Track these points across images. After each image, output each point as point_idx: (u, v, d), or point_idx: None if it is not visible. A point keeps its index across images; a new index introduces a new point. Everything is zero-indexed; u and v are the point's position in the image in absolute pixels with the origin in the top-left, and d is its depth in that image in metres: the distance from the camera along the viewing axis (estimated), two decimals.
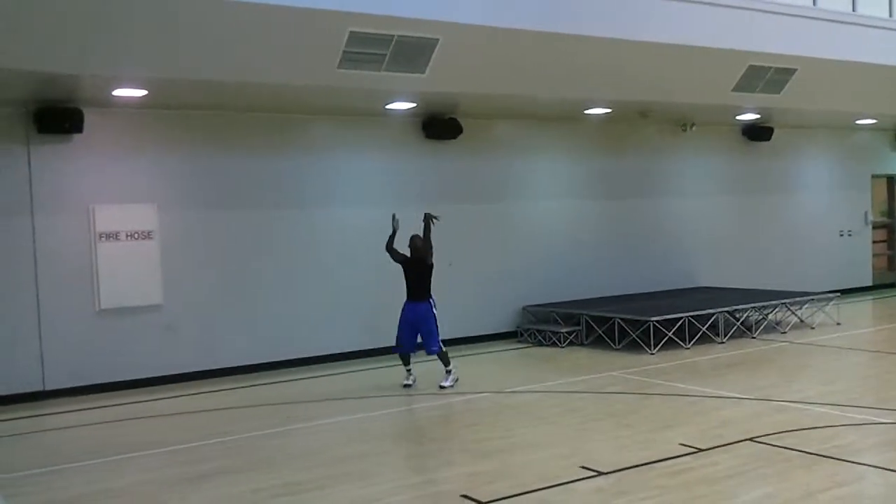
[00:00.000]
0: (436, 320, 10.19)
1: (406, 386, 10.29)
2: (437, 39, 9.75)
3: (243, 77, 9.46)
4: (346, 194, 12.26)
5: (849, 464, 6.79)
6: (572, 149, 14.38)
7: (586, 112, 13.33)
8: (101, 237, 10.58)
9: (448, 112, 12.70)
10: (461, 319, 12.80)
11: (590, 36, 10.53)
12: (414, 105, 11.83)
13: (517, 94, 11.47)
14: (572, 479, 6.61)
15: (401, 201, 12.54)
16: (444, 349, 10.28)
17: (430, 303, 10.26)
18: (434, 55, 9.91)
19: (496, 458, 7.26)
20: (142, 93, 9.87)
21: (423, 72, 10.10)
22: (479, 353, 12.51)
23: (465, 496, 6.27)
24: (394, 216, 10.24)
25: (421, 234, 10.20)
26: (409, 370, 10.41)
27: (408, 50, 9.74)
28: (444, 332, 10.55)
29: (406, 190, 12.67)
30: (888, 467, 6.76)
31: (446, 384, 10.23)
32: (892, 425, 7.95)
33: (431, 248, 10.17)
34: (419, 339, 10.27)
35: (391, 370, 11.05)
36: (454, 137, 12.91)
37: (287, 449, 7.84)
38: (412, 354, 10.42)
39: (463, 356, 12.19)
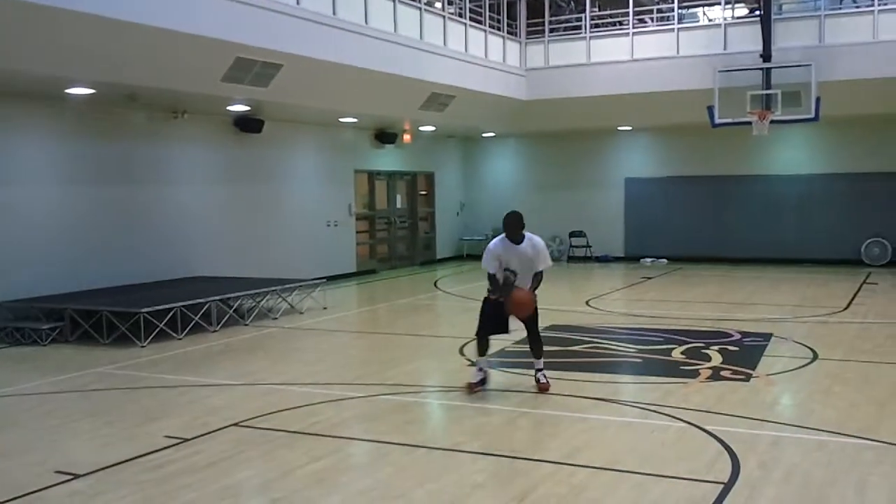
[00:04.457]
0: None
1: None
2: None
3: None
4: None
5: (327, 438, 7.20)
6: (55, 130, 13.28)
7: (67, 91, 12.40)
8: None
9: None
10: None
11: (70, 10, 9.79)
12: None
13: None
14: (45, 485, 6.11)
15: None
16: None
17: None
18: None
19: None
20: None
21: None
22: None
23: None
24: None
25: None
26: None
27: None
28: None
29: None
30: (360, 437, 7.35)
31: None
32: (365, 398, 8.64)
33: None
34: None
35: None
36: None
37: None
38: None
39: None
